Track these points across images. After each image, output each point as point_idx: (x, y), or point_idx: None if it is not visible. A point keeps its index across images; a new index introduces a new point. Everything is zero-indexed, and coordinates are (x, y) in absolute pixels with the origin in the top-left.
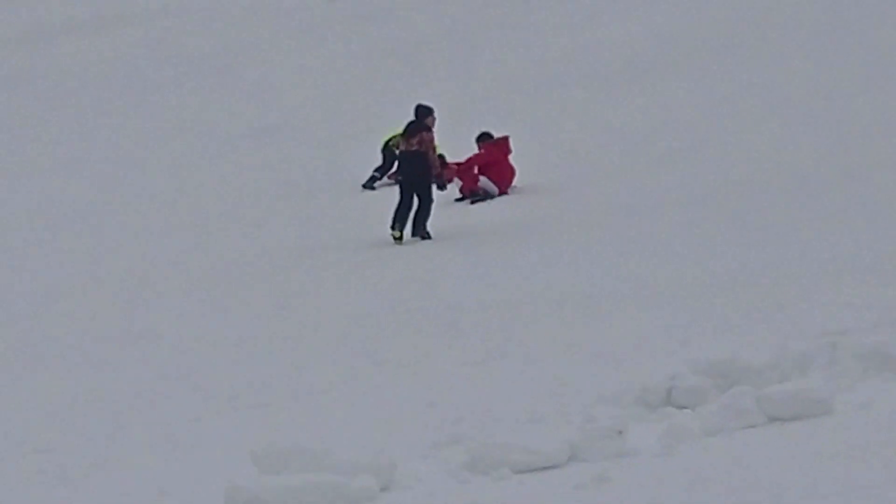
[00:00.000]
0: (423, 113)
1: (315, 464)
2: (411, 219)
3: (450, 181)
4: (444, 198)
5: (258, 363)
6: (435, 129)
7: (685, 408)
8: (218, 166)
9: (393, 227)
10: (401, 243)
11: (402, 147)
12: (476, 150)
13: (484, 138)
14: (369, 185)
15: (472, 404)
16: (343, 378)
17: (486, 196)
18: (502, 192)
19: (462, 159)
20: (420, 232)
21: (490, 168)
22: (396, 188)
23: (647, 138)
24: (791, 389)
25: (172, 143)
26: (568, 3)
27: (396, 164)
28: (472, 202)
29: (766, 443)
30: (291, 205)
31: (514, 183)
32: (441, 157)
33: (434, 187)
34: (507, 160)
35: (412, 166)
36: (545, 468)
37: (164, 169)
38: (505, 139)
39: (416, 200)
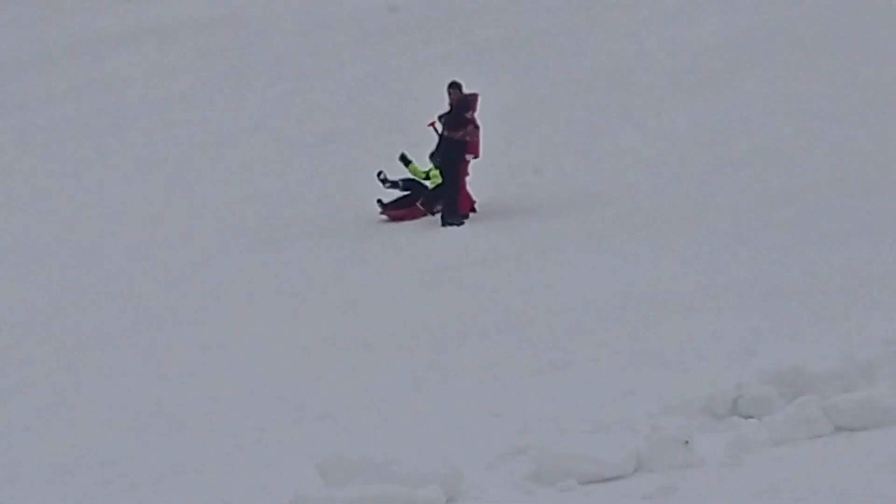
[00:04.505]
0: (463, 105)
1: (380, 474)
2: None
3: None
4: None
5: (323, 372)
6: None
7: (751, 417)
8: (281, 175)
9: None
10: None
11: (446, 132)
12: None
13: (455, 86)
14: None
15: (538, 414)
16: (407, 388)
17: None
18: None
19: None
20: (449, 220)
21: None
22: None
23: (709, 145)
24: (858, 399)
25: (235, 152)
26: (628, 10)
27: (436, 146)
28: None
29: (833, 453)
30: (355, 212)
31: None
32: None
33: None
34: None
35: (455, 152)
36: (611, 479)
37: (228, 177)
38: (475, 96)
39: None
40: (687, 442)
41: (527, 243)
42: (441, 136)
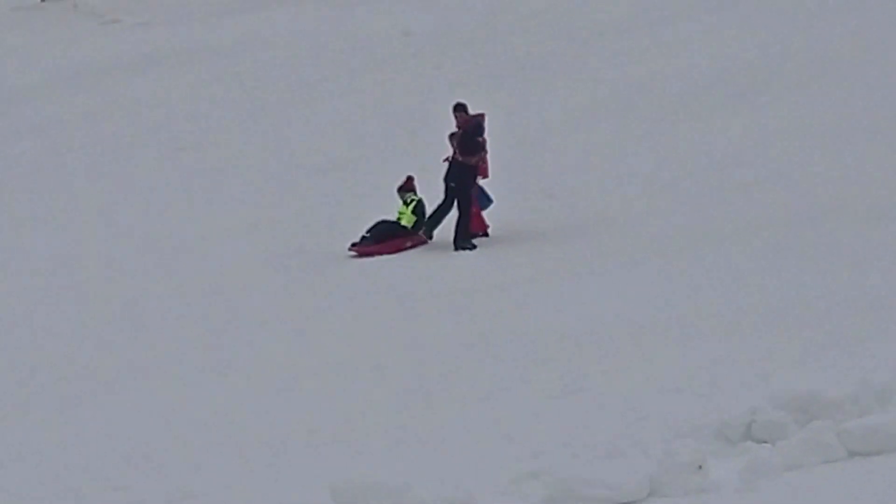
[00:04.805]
0: (478, 129)
1: (394, 499)
2: (452, 231)
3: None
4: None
5: (336, 396)
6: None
7: (765, 442)
8: (294, 198)
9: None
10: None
11: (459, 157)
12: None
13: (461, 109)
14: None
15: (551, 438)
16: (420, 412)
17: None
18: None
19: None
20: (461, 245)
21: None
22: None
23: (721, 169)
24: (872, 424)
25: (248, 175)
26: (640, 33)
27: (447, 170)
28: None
29: (846, 478)
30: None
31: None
32: (410, 177)
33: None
34: None
35: (469, 176)
36: (625, 503)
37: (240, 201)
38: (482, 116)
39: (455, 209)
40: (700, 467)
41: (539, 267)
42: (453, 159)
